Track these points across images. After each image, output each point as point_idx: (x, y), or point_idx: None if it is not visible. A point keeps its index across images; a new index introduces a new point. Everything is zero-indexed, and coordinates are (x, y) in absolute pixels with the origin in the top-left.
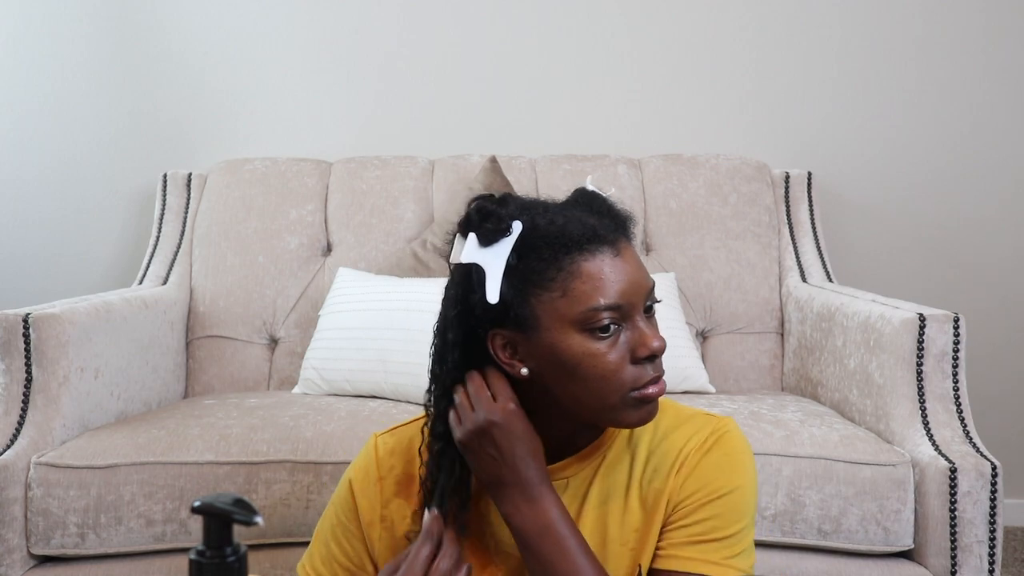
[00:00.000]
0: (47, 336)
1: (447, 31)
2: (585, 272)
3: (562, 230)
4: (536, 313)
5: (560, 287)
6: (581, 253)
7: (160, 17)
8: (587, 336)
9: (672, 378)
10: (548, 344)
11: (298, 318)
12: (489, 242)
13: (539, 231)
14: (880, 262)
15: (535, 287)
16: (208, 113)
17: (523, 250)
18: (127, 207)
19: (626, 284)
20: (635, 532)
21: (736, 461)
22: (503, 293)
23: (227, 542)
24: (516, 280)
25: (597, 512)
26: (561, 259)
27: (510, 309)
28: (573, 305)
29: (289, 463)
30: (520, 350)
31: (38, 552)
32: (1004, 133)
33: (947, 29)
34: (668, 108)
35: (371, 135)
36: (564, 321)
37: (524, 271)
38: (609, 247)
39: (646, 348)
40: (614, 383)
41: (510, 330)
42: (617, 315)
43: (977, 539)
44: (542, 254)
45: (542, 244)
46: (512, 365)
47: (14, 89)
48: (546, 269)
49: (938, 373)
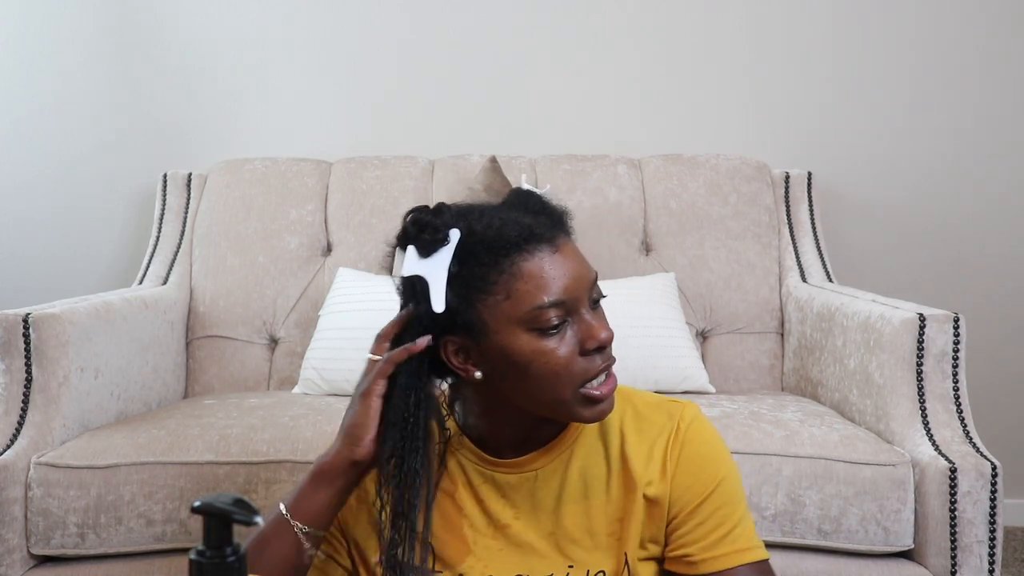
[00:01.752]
0: (47, 336)
1: (447, 31)
2: (526, 272)
3: (499, 233)
4: (483, 318)
5: (503, 290)
6: (520, 254)
7: (160, 17)
8: (535, 335)
9: (672, 378)
10: (498, 347)
11: (298, 318)
12: (428, 253)
13: (477, 236)
14: (880, 262)
15: (479, 292)
16: (208, 113)
17: (463, 256)
18: (127, 207)
19: (568, 279)
20: (619, 521)
21: (715, 446)
22: (448, 301)
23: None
24: (459, 287)
25: (580, 506)
26: (501, 262)
27: (457, 316)
28: (518, 306)
29: (289, 463)
30: (472, 354)
31: (38, 552)
32: (1004, 133)
33: (947, 29)
34: (668, 108)
35: (371, 135)
36: (511, 322)
37: (466, 277)
38: (547, 244)
39: (594, 340)
40: (565, 378)
41: (460, 336)
42: (562, 311)
43: (977, 539)
44: (482, 259)
45: (481, 249)
46: (466, 370)
47: (14, 89)
48: (487, 273)
49: (938, 373)
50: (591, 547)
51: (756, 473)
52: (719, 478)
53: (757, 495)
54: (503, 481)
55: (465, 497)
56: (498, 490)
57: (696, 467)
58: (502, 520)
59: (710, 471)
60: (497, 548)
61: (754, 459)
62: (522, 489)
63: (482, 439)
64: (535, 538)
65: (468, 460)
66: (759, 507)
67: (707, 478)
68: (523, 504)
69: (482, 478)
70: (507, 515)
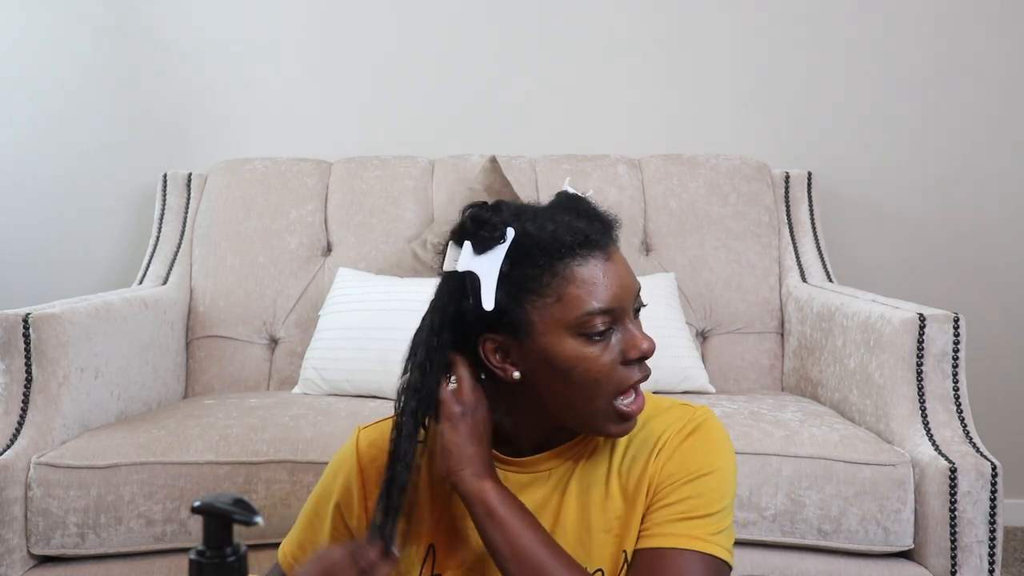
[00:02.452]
0: (47, 336)
1: (447, 31)
2: (579, 277)
3: (554, 236)
4: (531, 319)
5: (555, 292)
6: (574, 258)
7: (160, 18)
8: (581, 340)
9: (672, 378)
10: (542, 348)
11: (298, 318)
12: (484, 249)
13: (531, 237)
14: (880, 262)
15: (530, 293)
16: (208, 113)
17: (516, 257)
18: (127, 207)
19: (618, 288)
20: (617, 519)
21: (715, 445)
22: (497, 299)
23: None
24: (510, 286)
25: (578, 502)
26: (555, 265)
27: (504, 315)
28: (568, 310)
29: (289, 463)
30: (512, 354)
31: (38, 552)
32: (1004, 133)
33: (947, 29)
34: (668, 108)
35: (371, 135)
36: (559, 326)
37: (518, 277)
38: (601, 251)
39: (637, 350)
40: (604, 385)
41: (502, 335)
42: (610, 319)
43: (977, 539)
44: (536, 260)
45: (535, 250)
46: (504, 369)
47: (15, 90)
48: (540, 275)
49: (938, 373)
50: (589, 545)
51: (756, 473)
52: (709, 469)
53: (757, 495)
54: (515, 480)
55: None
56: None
57: (687, 457)
58: None
59: (699, 462)
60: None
61: (754, 459)
62: (531, 488)
63: (502, 437)
64: None
65: None
66: (759, 507)
67: (694, 467)
68: (529, 503)
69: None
70: None
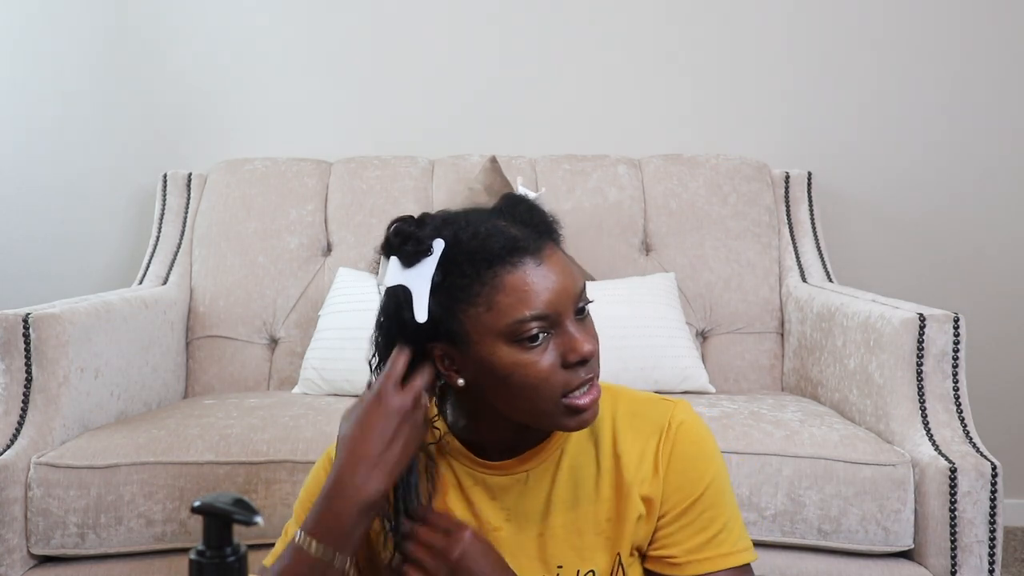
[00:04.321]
0: (47, 336)
1: (447, 31)
2: (508, 285)
3: (483, 244)
4: (465, 328)
5: (485, 301)
6: (503, 266)
7: (160, 18)
8: (516, 347)
9: (672, 378)
10: (479, 356)
11: (298, 318)
12: (411, 263)
13: (462, 246)
14: (880, 262)
15: (461, 303)
16: (208, 113)
17: (448, 266)
18: (127, 207)
19: (551, 293)
20: (608, 521)
21: (704, 447)
22: (432, 310)
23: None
24: (443, 296)
25: (570, 506)
26: (483, 273)
27: (440, 325)
28: (499, 318)
29: (289, 463)
30: (456, 361)
31: (38, 552)
32: (1004, 133)
33: (947, 30)
34: (668, 108)
35: (371, 135)
36: (492, 334)
37: (449, 287)
38: (531, 257)
39: (576, 353)
40: (545, 390)
41: (444, 343)
42: (545, 323)
43: (977, 539)
44: (464, 270)
45: (464, 259)
46: (450, 375)
47: (15, 90)
48: (470, 284)
49: (938, 373)
50: (580, 547)
51: (756, 473)
52: (708, 480)
53: (757, 495)
54: (493, 483)
55: (455, 501)
56: (488, 492)
57: (686, 467)
58: (492, 523)
59: (699, 471)
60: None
61: (754, 459)
62: (512, 491)
63: (471, 442)
64: (525, 540)
65: (458, 463)
66: (759, 507)
67: (696, 479)
68: (513, 506)
69: (472, 480)
70: (498, 518)
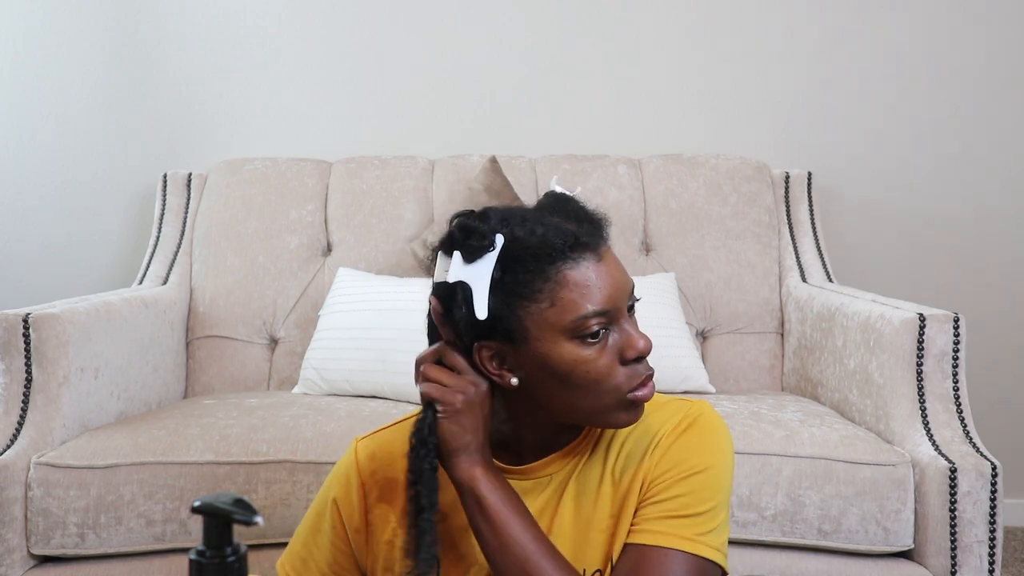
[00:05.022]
0: (47, 336)
1: (447, 31)
2: (571, 281)
3: (543, 240)
4: (524, 325)
5: (547, 297)
6: (566, 262)
7: (160, 17)
8: (577, 343)
9: (672, 378)
10: (538, 354)
11: (298, 318)
12: (474, 258)
13: (521, 243)
14: (880, 262)
15: (522, 299)
16: (208, 113)
17: (507, 263)
18: (127, 207)
19: (611, 288)
20: (610, 517)
21: (711, 440)
22: (490, 307)
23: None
24: (502, 293)
25: (575, 504)
26: (546, 269)
27: (497, 323)
28: (562, 314)
29: (289, 463)
30: (509, 360)
31: (38, 552)
32: (1004, 133)
33: (947, 29)
34: (668, 108)
35: (371, 135)
36: (554, 330)
37: (510, 284)
38: (592, 253)
39: (634, 350)
40: (607, 386)
41: (497, 342)
42: (605, 320)
43: (977, 539)
44: (527, 266)
45: (526, 256)
46: (501, 376)
47: (15, 90)
48: (532, 280)
49: (938, 373)
50: (586, 544)
51: (756, 473)
52: (703, 466)
53: (757, 495)
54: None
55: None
56: None
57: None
58: None
59: (692, 459)
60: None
61: (754, 459)
62: (532, 493)
63: (502, 444)
64: None
65: None
66: (759, 507)
67: (686, 465)
68: (531, 508)
69: None
70: None
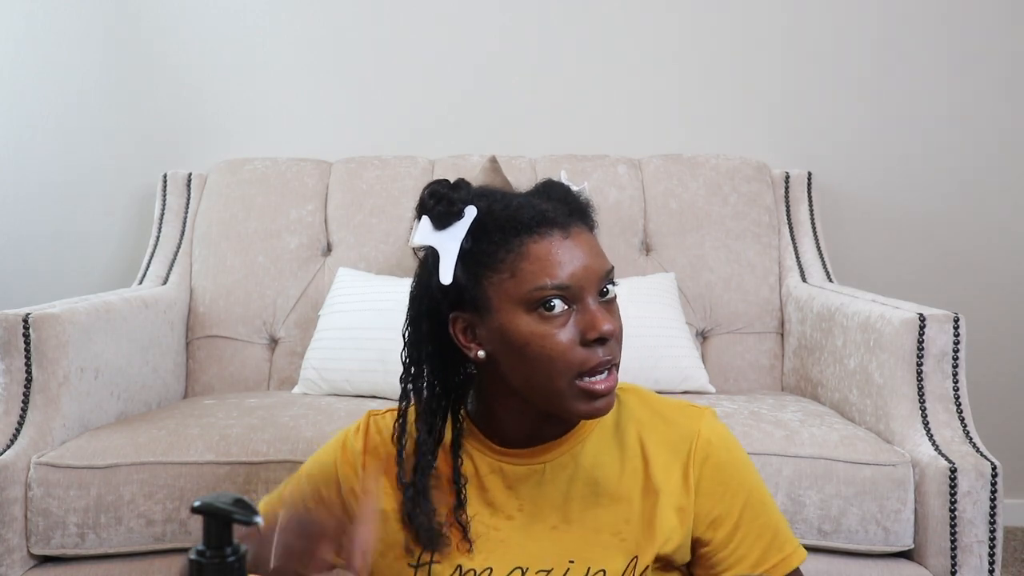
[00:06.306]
0: (47, 336)
1: (447, 31)
2: (533, 253)
3: (513, 214)
4: (488, 295)
5: (509, 268)
6: (530, 235)
7: (160, 18)
8: (535, 317)
9: (672, 378)
10: (499, 325)
11: (298, 318)
12: (442, 225)
13: (492, 215)
14: (880, 262)
15: (487, 269)
16: (209, 113)
17: (477, 234)
18: (127, 207)
19: (575, 266)
20: (627, 524)
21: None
22: (458, 276)
23: (227, 542)
24: (470, 263)
25: (588, 503)
26: (511, 241)
27: (465, 292)
28: (521, 285)
29: (289, 463)
30: (478, 333)
31: (38, 552)
32: (1004, 133)
33: (947, 29)
34: (668, 108)
35: (371, 135)
36: (513, 301)
37: (476, 254)
38: (559, 230)
39: (595, 330)
40: (560, 365)
41: (468, 312)
42: (566, 295)
43: (977, 539)
44: (493, 237)
45: (494, 228)
46: (470, 348)
47: (15, 90)
48: (496, 251)
49: (938, 373)
50: (595, 545)
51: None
52: (748, 488)
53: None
54: (510, 472)
55: (471, 488)
56: (504, 480)
57: (724, 478)
58: (506, 512)
59: (737, 481)
60: (499, 540)
61: (754, 459)
62: (529, 481)
63: (490, 428)
64: (538, 531)
65: (476, 449)
66: None
67: (736, 489)
68: (528, 496)
69: (489, 468)
70: (511, 507)
